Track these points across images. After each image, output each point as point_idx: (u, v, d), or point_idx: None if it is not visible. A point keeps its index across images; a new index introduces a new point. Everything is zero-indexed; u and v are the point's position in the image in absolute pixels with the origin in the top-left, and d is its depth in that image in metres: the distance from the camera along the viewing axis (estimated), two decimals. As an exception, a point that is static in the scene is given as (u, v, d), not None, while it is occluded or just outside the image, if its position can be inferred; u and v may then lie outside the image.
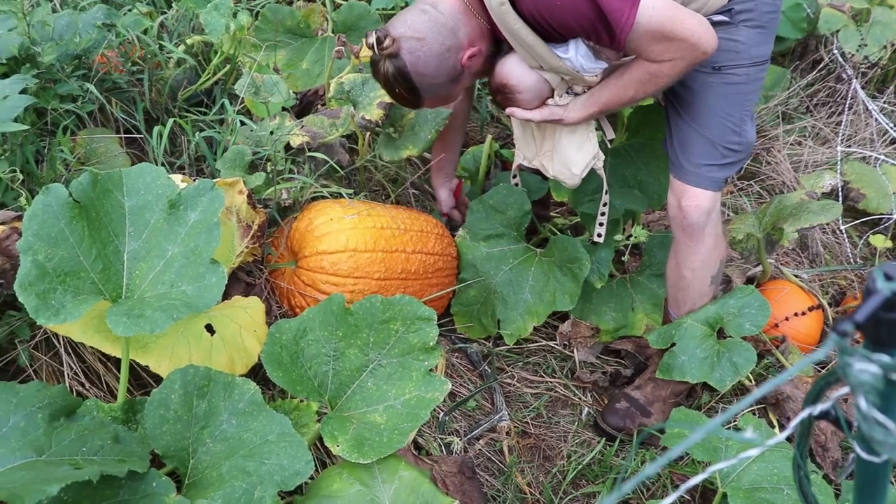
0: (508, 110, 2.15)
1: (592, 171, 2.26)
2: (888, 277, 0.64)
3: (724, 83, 2.01)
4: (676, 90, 2.08)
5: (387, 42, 1.93)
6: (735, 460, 0.75)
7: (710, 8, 1.94)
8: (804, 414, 0.76)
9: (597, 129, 2.25)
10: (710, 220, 2.13)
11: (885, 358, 0.63)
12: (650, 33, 1.81)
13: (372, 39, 1.95)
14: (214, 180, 1.80)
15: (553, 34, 1.91)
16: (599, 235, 2.43)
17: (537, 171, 2.43)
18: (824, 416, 0.78)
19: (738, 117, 2.05)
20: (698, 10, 1.93)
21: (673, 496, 0.72)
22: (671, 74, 1.91)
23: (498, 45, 2.09)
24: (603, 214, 2.41)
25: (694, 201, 2.10)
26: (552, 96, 2.12)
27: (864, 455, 0.75)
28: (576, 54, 1.96)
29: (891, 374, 0.63)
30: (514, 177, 2.59)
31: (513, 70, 2.07)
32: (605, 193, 2.36)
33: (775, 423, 2.32)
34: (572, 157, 2.19)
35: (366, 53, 2.45)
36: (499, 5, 1.88)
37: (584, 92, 2.10)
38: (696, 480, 0.75)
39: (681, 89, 2.07)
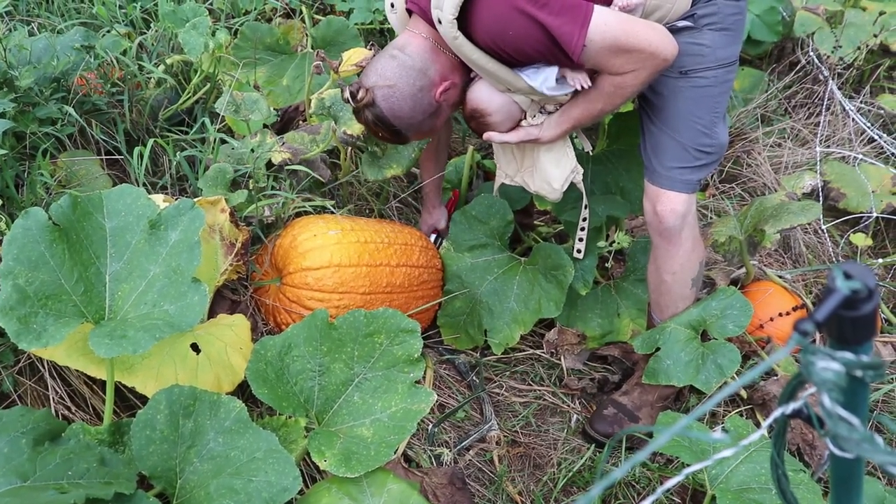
0: (486, 135, 2.17)
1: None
2: (847, 276, 0.65)
3: (691, 87, 2.03)
4: (646, 96, 2.10)
5: (360, 94, 2.02)
6: (710, 461, 0.76)
7: (674, 15, 1.96)
8: (777, 413, 0.77)
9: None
10: (686, 224, 2.15)
11: (847, 355, 0.64)
12: (606, 49, 1.84)
13: (347, 94, 2.04)
14: (195, 199, 1.80)
15: (515, 61, 1.94)
16: (579, 251, 2.46)
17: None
18: (797, 414, 0.79)
19: (709, 119, 2.06)
20: (662, 18, 1.95)
21: (651, 498, 0.73)
22: (635, 84, 1.94)
23: (471, 75, 2.12)
24: (583, 230, 2.43)
25: (669, 205, 2.12)
26: (525, 117, 2.14)
27: (836, 452, 0.76)
28: (543, 79, 1.97)
29: (854, 371, 0.64)
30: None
31: (482, 95, 2.10)
32: (585, 208, 2.37)
33: (762, 423, 2.33)
34: (551, 172, 2.22)
35: (345, 70, 2.48)
36: (453, 39, 1.91)
37: (557, 110, 2.12)
38: (673, 482, 0.76)
39: (650, 95, 2.09)
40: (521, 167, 2.32)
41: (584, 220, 2.41)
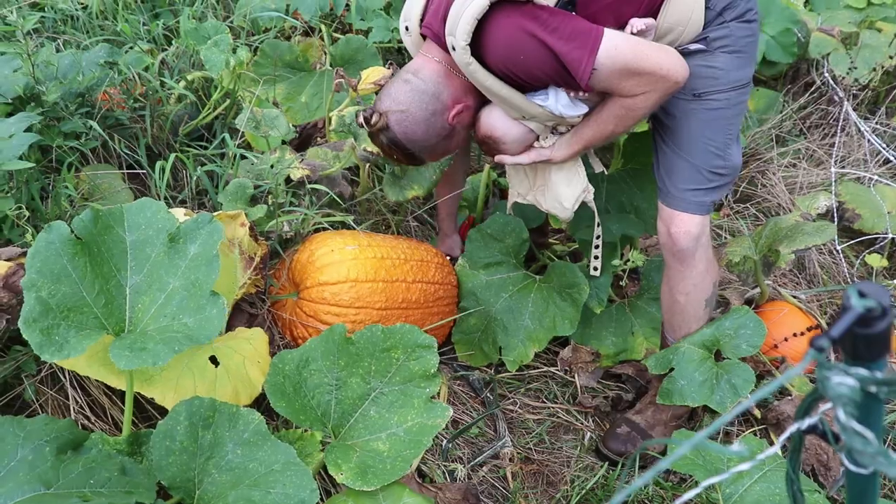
0: (497, 158, 2.20)
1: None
2: (862, 295, 0.66)
3: (705, 109, 2.04)
4: (660, 118, 2.11)
5: (374, 118, 2.06)
6: (728, 474, 0.77)
7: (686, 38, 1.98)
8: (793, 428, 0.78)
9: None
10: (699, 245, 2.15)
11: (862, 371, 0.65)
12: (617, 72, 1.86)
13: (361, 119, 2.08)
14: (214, 213, 1.83)
15: (527, 85, 1.96)
16: (595, 269, 2.46)
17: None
18: (812, 430, 0.80)
19: (722, 142, 2.07)
20: (675, 41, 1.97)
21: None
22: (646, 107, 1.95)
23: (485, 96, 2.14)
24: (597, 247, 2.44)
25: (682, 227, 2.12)
26: (537, 139, 2.17)
27: (851, 467, 0.77)
28: (555, 102, 1.99)
29: (868, 386, 0.65)
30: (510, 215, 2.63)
31: (496, 122, 2.12)
32: (598, 226, 2.39)
33: (776, 442, 2.32)
34: (562, 192, 2.23)
35: (364, 88, 2.51)
36: (466, 65, 1.93)
37: (568, 131, 2.14)
38: (689, 495, 0.77)
39: (664, 117, 2.10)
40: (534, 186, 2.33)
41: (598, 237, 2.42)
